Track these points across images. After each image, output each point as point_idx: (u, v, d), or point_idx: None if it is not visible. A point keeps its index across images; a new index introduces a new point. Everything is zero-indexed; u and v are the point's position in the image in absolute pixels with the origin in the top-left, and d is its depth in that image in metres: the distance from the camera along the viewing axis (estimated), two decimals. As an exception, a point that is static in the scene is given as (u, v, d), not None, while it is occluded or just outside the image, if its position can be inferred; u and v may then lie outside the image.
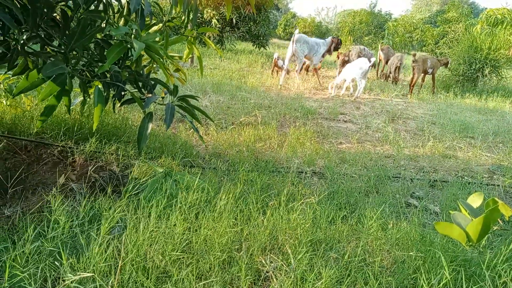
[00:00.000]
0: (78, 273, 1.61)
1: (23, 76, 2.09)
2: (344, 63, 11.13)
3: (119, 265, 1.65)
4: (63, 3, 2.14)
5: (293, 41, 8.99)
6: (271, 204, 2.40)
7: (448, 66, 9.87)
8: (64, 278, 1.62)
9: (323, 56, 9.76)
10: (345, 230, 2.27)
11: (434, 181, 3.59)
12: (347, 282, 1.80)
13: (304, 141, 4.47)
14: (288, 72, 10.96)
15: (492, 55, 10.06)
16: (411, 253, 1.97)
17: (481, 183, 3.58)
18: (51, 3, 2.02)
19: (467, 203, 1.20)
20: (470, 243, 1.06)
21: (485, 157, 4.61)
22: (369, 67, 7.75)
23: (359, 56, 10.82)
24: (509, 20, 12.06)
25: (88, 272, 1.63)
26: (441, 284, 1.67)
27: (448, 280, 1.67)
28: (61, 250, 1.70)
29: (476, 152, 4.73)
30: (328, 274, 1.76)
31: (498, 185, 3.59)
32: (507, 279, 1.67)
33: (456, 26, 16.98)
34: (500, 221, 1.10)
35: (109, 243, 1.83)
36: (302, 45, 9.13)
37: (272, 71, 10.84)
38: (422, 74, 9.53)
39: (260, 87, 8.34)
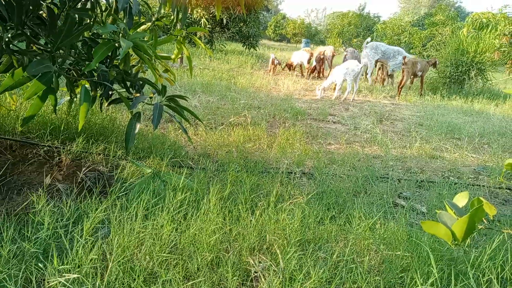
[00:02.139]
0: (63, 275, 1.58)
1: (7, 74, 2.06)
2: (320, 60, 11.47)
3: (109, 266, 1.63)
4: (49, 0, 2.11)
5: (364, 48, 10.48)
6: (260, 204, 2.40)
7: (437, 66, 10.01)
8: (48, 280, 1.59)
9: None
10: (334, 230, 2.28)
11: (421, 181, 3.64)
12: (336, 282, 1.81)
13: (293, 142, 4.48)
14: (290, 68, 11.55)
15: (478, 58, 10.24)
16: (399, 253, 1.99)
17: (467, 184, 3.63)
18: (37, 0, 1.99)
19: (453, 202, 1.21)
20: (456, 242, 1.07)
21: (471, 158, 4.69)
22: (360, 69, 7.81)
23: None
24: (494, 24, 12.30)
25: (73, 274, 1.60)
26: (429, 283, 1.69)
27: (436, 278, 1.69)
28: (43, 252, 1.67)
29: (462, 153, 4.81)
30: (317, 273, 1.77)
31: (484, 186, 3.65)
32: (491, 277, 1.70)
33: (443, 29, 17.25)
34: (484, 220, 1.12)
35: (94, 245, 1.81)
36: (371, 51, 10.43)
37: (270, 70, 11.58)
38: (412, 77, 9.66)
39: (250, 87, 8.35)
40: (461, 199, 1.22)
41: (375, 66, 11.00)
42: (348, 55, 12.04)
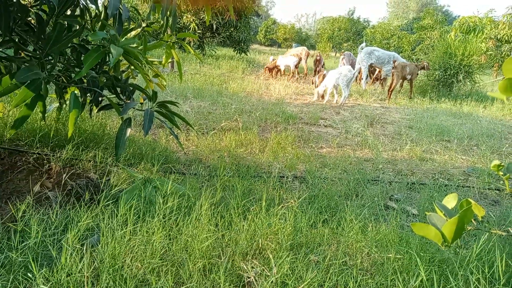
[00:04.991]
0: None
1: (-5, 81, 2.03)
2: (316, 62, 11.83)
3: (85, 275, 1.60)
4: (37, 7, 2.09)
5: (359, 52, 10.49)
6: (252, 209, 2.39)
7: (427, 68, 10.08)
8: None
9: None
10: (326, 233, 2.29)
11: (412, 183, 3.67)
12: (328, 285, 1.81)
13: (285, 146, 4.49)
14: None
15: (466, 61, 10.39)
16: (390, 255, 2.00)
17: (457, 185, 3.67)
18: (25, 6, 1.97)
19: (442, 204, 1.22)
20: (446, 243, 1.09)
21: (461, 160, 4.75)
22: (353, 74, 7.85)
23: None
24: (481, 28, 12.51)
25: (61, 285, 1.58)
26: (416, 283, 1.70)
27: (424, 280, 1.70)
28: (32, 261, 1.65)
29: (452, 155, 4.86)
30: (309, 277, 1.77)
31: (473, 187, 3.69)
32: (480, 276, 1.72)
33: (431, 33, 17.48)
34: (473, 221, 1.13)
35: (83, 253, 1.79)
36: (365, 56, 10.42)
37: (270, 72, 12.00)
38: (401, 80, 9.77)
39: (241, 92, 8.36)
40: (450, 201, 1.24)
41: (369, 70, 11.15)
42: (345, 58, 12.20)
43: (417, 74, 10.14)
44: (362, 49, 10.52)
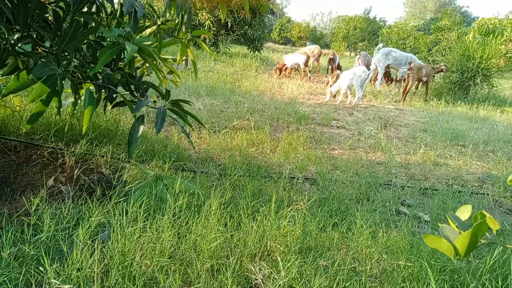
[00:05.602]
0: (57, 286, 1.58)
1: (13, 76, 2.07)
2: (330, 60, 11.82)
3: (95, 272, 1.62)
4: (54, 3, 2.12)
5: (376, 53, 10.39)
6: (262, 210, 2.39)
7: (445, 71, 9.92)
8: (48, 283, 1.59)
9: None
10: (335, 237, 2.27)
11: (425, 189, 3.61)
12: (336, 291, 1.80)
13: (296, 147, 4.47)
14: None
15: (484, 64, 10.17)
16: (400, 262, 1.97)
17: (471, 192, 3.60)
18: (43, 3, 2.00)
19: (456, 216, 1.20)
20: (458, 257, 1.06)
21: (476, 166, 4.66)
22: (368, 75, 7.76)
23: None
24: (500, 30, 12.22)
25: (72, 279, 1.60)
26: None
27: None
28: (44, 255, 1.67)
29: (467, 160, 4.77)
30: (317, 282, 1.75)
31: (488, 194, 3.62)
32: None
33: (449, 34, 17.16)
34: (487, 234, 1.10)
35: (94, 248, 1.81)
36: (382, 57, 10.35)
37: (280, 71, 11.80)
38: (416, 82, 9.63)
39: (254, 91, 8.35)
40: (464, 212, 1.21)
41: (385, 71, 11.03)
42: (361, 58, 12.07)
43: (434, 76, 9.99)
44: (379, 49, 10.38)
